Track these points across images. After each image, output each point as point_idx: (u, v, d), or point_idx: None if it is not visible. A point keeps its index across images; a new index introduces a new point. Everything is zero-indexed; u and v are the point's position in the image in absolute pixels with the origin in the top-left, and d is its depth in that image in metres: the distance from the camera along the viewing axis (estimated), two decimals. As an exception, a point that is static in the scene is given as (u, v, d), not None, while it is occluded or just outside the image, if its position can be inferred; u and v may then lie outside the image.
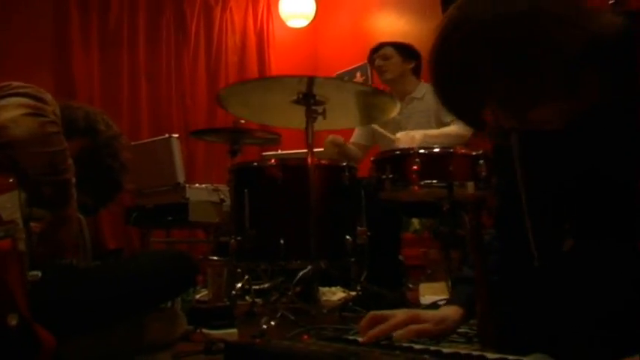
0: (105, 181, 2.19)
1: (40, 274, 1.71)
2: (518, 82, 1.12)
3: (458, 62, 1.16)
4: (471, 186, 2.49)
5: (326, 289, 3.60)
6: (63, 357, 1.76)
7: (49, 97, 1.76)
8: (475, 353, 1.21)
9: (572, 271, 1.31)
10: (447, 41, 1.18)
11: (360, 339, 1.46)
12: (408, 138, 3.45)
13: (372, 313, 1.47)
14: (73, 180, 1.79)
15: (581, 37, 1.10)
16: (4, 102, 1.67)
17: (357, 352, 1.28)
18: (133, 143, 4.84)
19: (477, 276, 1.45)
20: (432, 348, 1.30)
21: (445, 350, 1.25)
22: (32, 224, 1.70)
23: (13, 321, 1.51)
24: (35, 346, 1.55)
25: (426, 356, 1.21)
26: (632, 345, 1.02)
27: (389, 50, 3.94)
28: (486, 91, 1.16)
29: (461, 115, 1.28)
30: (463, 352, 1.22)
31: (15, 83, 1.73)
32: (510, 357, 1.16)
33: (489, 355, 1.18)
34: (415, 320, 1.42)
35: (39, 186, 1.69)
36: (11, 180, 1.66)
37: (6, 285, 1.53)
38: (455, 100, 1.24)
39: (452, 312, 1.47)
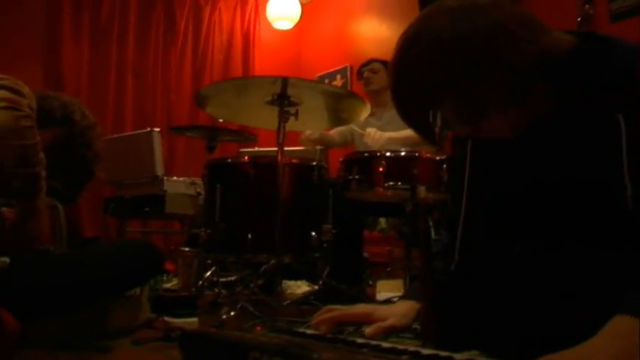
0: (78, 169, 2.20)
1: (8, 260, 1.72)
2: (471, 94, 1.15)
3: (414, 74, 1.19)
4: (422, 190, 2.52)
5: (292, 282, 3.61)
6: (28, 339, 1.77)
7: (26, 89, 1.76)
8: (411, 348, 1.23)
9: (512, 274, 1.33)
10: (406, 54, 1.21)
11: (308, 332, 1.48)
12: (376, 135, 3.61)
13: (327, 307, 1.49)
14: (43, 173, 1.79)
15: (532, 52, 1.14)
16: None
17: (302, 344, 1.29)
18: (115, 136, 4.86)
19: (421, 275, 1.47)
20: (373, 343, 1.31)
21: (384, 345, 1.27)
22: (5, 209, 1.70)
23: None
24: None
25: (365, 350, 1.23)
26: (563, 344, 1.03)
27: (377, 65, 4.25)
28: (440, 101, 1.18)
29: (415, 126, 1.30)
30: (400, 347, 1.24)
31: None
32: (442, 353, 1.18)
33: (424, 351, 1.20)
34: (370, 315, 1.44)
35: (9, 178, 1.69)
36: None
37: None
38: (410, 110, 1.27)
39: (409, 307, 1.48)
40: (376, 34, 6.27)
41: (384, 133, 3.64)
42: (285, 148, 2.87)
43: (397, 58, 1.24)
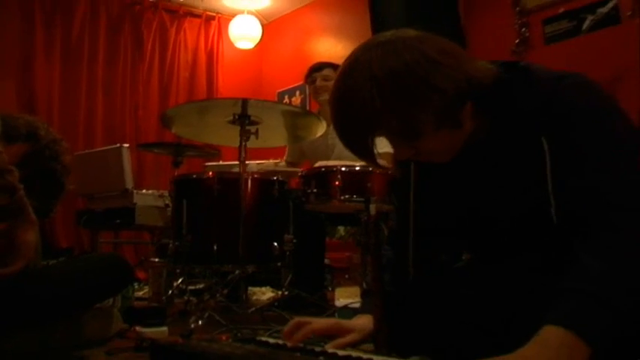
0: (49, 183, 2.18)
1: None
2: (404, 118, 1.18)
3: (350, 105, 1.22)
4: (373, 208, 2.56)
5: (257, 288, 3.63)
6: (4, 352, 1.76)
7: None
8: (365, 356, 1.25)
9: (457, 285, 1.37)
10: (342, 87, 1.24)
11: (271, 340, 1.49)
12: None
13: (296, 319, 1.49)
14: (22, 187, 1.78)
15: (458, 77, 1.18)
16: None
17: (264, 354, 1.31)
18: (86, 151, 4.83)
19: (373, 287, 1.50)
20: (330, 351, 1.34)
21: (340, 353, 1.29)
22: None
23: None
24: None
25: (321, 357, 1.25)
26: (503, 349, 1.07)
27: (330, 72, 3.87)
28: (377, 127, 1.22)
29: (358, 153, 1.31)
30: (354, 354, 1.27)
31: None
32: (393, 359, 1.21)
33: (377, 357, 1.23)
34: (337, 327, 1.46)
35: None
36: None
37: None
38: (351, 138, 1.28)
39: (368, 320, 1.50)
40: (333, 53, 6.30)
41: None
42: (248, 162, 2.88)
43: (334, 91, 1.27)
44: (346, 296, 2.55)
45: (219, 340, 1.81)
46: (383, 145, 1.31)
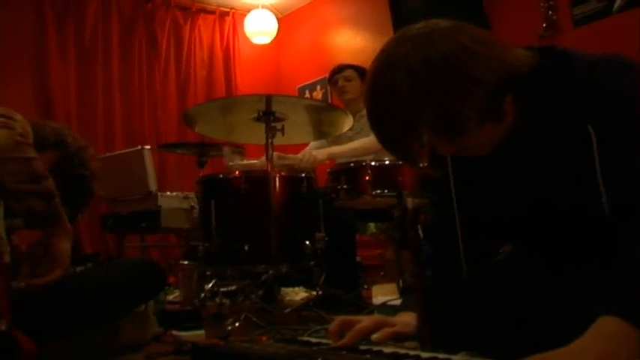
0: (78, 189, 2.22)
1: (23, 283, 1.76)
2: (447, 113, 1.18)
3: (389, 103, 1.21)
4: (410, 201, 2.56)
5: (289, 289, 3.65)
6: (44, 359, 1.80)
7: (19, 116, 1.79)
8: (411, 352, 1.27)
9: (502, 279, 1.38)
10: (378, 84, 1.24)
11: (313, 340, 1.52)
12: (310, 157, 3.54)
13: (341, 318, 1.50)
14: (57, 194, 1.82)
15: (497, 68, 1.18)
16: None
17: (308, 353, 1.34)
18: (107, 154, 4.88)
19: (415, 283, 1.52)
20: (375, 348, 1.36)
21: (386, 350, 1.31)
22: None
23: (2, 326, 1.55)
24: (15, 351, 1.59)
25: (368, 356, 1.27)
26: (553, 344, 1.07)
27: (351, 72, 4.03)
28: (418, 125, 1.20)
29: (395, 151, 1.32)
30: (401, 351, 1.29)
31: None
32: (441, 355, 1.22)
33: (423, 354, 1.25)
34: (382, 324, 1.45)
35: (24, 197, 1.71)
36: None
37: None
38: (390, 137, 1.28)
39: (411, 317, 1.51)
40: (352, 44, 6.33)
41: (320, 151, 3.61)
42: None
43: (369, 91, 1.26)
44: (383, 294, 2.57)
45: (260, 341, 1.84)
46: None
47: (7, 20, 5.59)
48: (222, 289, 3.30)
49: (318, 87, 6.61)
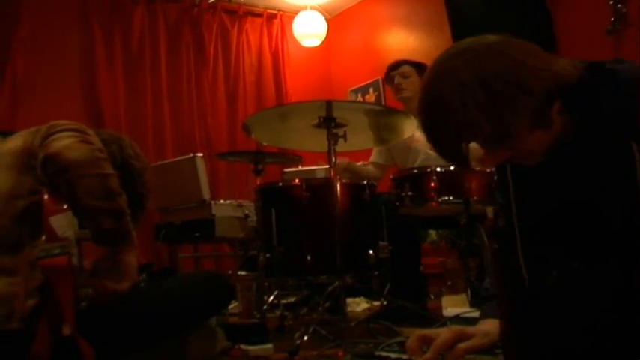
0: (136, 207, 2.26)
1: (90, 290, 1.80)
2: (498, 121, 1.25)
3: (441, 115, 1.30)
4: (490, 211, 2.55)
5: (350, 299, 3.65)
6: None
7: (92, 132, 1.84)
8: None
9: (562, 293, 1.39)
10: (429, 97, 1.33)
11: (393, 355, 1.52)
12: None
13: (419, 333, 1.52)
14: (129, 212, 1.86)
15: (546, 77, 1.26)
16: (56, 136, 1.74)
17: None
18: (159, 163, 4.95)
19: (499, 296, 1.52)
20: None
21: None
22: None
23: (67, 330, 1.59)
24: (76, 357, 1.62)
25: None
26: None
27: (408, 68, 3.93)
28: (469, 134, 1.29)
29: (449, 158, 1.39)
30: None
31: (62, 122, 1.80)
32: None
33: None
34: (461, 336, 1.48)
35: (96, 215, 1.75)
36: (65, 206, 1.75)
37: (61, 297, 1.61)
38: (444, 146, 1.36)
39: (491, 325, 1.52)
40: (405, 45, 6.30)
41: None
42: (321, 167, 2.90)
43: (422, 101, 1.36)
44: (453, 304, 2.55)
45: (337, 357, 1.85)
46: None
47: (54, 33, 5.73)
48: (282, 301, 3.31)
49: (371, 90, 6.60)
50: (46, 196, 1.71)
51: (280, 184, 3.23)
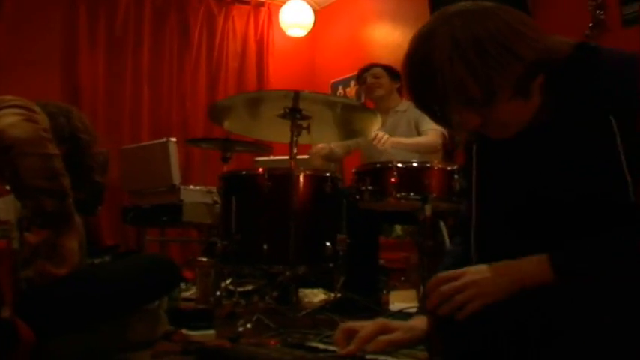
0: (85, 180, 2.25)
1: (30, 272, 1.79)
2: (483, 79, 1.25)
3: (430, 66, 1.28)
4: (428, 208, 2.56)
5: (308, 290, 3.66)
6: (50, 353, 1.83)
7: (38, 109, 1.82)
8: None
9: None
10: (421, 49, 1.31)
11: (321, 346, 1.52)
12: (383, 137, 3.53)
13: (344, 325, 1.52)
14: (71, 194, 1.85)
15: (538, 48, 1.27)
16: (0, 113, 1.73)
17: (313, 360, 1.35)
18: (132, 146, 4.94)
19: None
20: (381, 357, 1.36)
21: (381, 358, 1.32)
22: (27, 234, 1.77)
23: (6, 313, 1.58)
24: (15, 340, 1.62)
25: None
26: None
27: (379, 70, 4.14)
28: (455, 90, 1.28)
29: (432, 115, 1.39)
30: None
31: (8, 97, 1.79)
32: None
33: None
34: (384, 329, 1.47)
35: (37, 195, 1.74)
36: (7, 187, 1.74)
37: (0, 280, 1.61)
38: (427, 100, 1.36)
39: (420, 321, 1.52)
40: (390, 39, 6.29)
41: (390, 137, 3.59)
42: (299, 157, 2.91)
43: (410, 56, 1.34)
44: (401, 300, 2.56)
45: (268, 345, 1.86)
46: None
47: (39, 8, 5.69)
48: (238, 289, 3.31)
49: (352, 83, 6.57)
50: None
51: (243, 173, 3.24)
